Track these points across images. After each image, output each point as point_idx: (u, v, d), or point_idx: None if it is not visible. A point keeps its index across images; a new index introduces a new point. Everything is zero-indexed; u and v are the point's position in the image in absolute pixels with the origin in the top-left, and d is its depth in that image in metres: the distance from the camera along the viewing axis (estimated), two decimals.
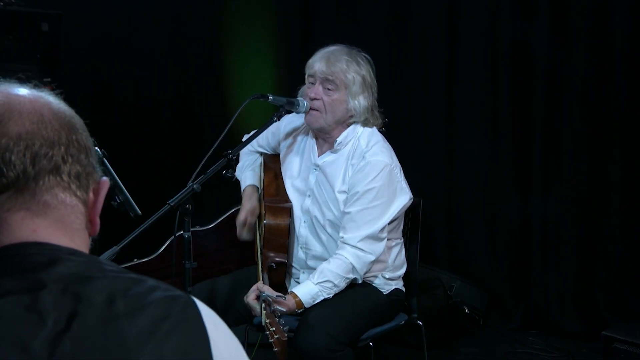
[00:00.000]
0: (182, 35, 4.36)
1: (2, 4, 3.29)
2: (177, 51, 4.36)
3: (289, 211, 2.64)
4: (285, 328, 2.13)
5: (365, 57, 2.61)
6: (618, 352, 3.17)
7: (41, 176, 0.88)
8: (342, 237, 2.51)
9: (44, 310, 0.78)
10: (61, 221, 0.90)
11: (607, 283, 3.88)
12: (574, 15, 3.84)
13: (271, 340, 2.11)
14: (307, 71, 2.59)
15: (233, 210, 3.56)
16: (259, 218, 2.72)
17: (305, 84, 2.63)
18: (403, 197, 2.56)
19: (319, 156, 2.64)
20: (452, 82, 4.16)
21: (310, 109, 2.56)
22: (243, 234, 2.73)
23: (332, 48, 2.59)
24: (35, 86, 0.95)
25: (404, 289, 2.72)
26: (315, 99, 2.53)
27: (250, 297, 2.39)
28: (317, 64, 2.54)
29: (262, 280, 2.45)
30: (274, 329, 2.12)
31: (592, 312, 3.86)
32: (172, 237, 2.33)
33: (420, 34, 4.15)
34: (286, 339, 2.10)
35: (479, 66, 4.10)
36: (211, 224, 3.68)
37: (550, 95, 3.92)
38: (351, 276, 2.50)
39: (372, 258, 2.51)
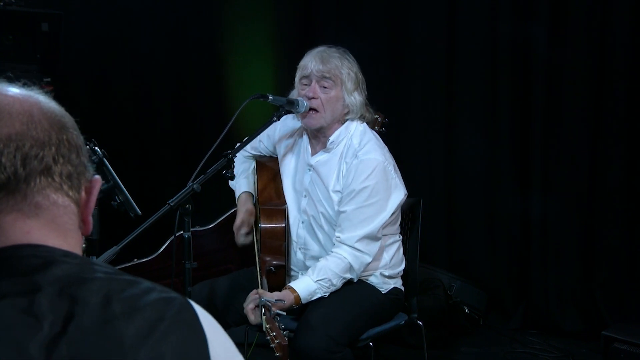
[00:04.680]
0: (182, 35, 4.36)
1: (2, 4, 3.29)
2: (177, 51, 4.36)
3: (284, 213, 2.64)
4: (285, 332, 2.13)
5: (351, 56, 2.61)
6: (618, 352, 3.17)
7: (32, 177, 0.87)
8: (339, 237, 2.51)
9: (40, 313, 0.78)
10: (54, 222, 0.89)
11: (607, 283, 3.88)
12: (574, 15, 3.85)
13: (272, 345, 2.11)
14: (301, 73, 2.58)
15: (233, 210, 3.55)
16: (255, 223, 2.72)
17: (294, 87, 2.62)
18: (398, 194, 2.55)
19: (312, 156, 2.65)
20: (452, 82, 4.16)
21: (310, 108, 2.56)
22: (240, 238, 2.73)
23: (321, 48, 2.59)
24: (24, 85, 0.94)
25: (402, 288, 2.72)
26: (313, 98, 2.53)
27: (250, 307, 2.37)
28: (312, 63, 2.53)
29: (261, 285, 2.45)
30: (274, 333, 2.12)
31: (592, 312, 3.86)
32: (172, 237, 2.32)
33: (420, 34, 4.15)
34: (287, 343, 2.10)
35: (479, 66, 4.10)
36: (211, 224, 3.68)
37: (550, 95, 3.92)
38: (348, 276, 2.52)
39: (369, 259, 2.52)
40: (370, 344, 2.59)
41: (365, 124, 2.63)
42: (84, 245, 0.96)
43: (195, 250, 2.28)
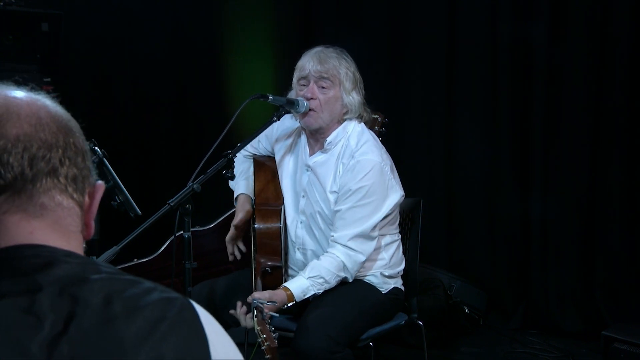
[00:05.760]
0: (182, 35, 4.36)
1: (2, 4, 3.29)
2: (177, 51, 4.36)
3: (279, 213, 2.63)
4: (275, 335, 2.13)
5: (349, 55, 2.61)
6: (618, 352, 3.17)
7: (38, 178, 0.87)
8: (332, 236, 2.51)
9: (41, 312, 0.78)
10: (58, 223, 0.90)
11: (607, 283, 3.88)
12: (574, 15, 3.85)
13: (263, 348, 2.12)
14: (299, 74, 2.58)
15: (233, 210, 3.55)
16: (251, 224, 2.72)
17: (292, 89, 2.62)
18: (394, 195, 2.55)
19: (310, 156, 2.64)
20: (452, 82, 4.16)
21: (309, 108, 2.56)
22: (229, 247, 2.73)
23: (318, 48, 2.59)
24: (32, 89, 0.95)
25: (403, 287, 2.72)
26: (311, 98, 2.53)
27: (242, 310, 2.37)
28: (309, 64, 2.53)
29: (255, 287, 2.45)
30: (265, 336, 2.12)
31: (592, 312, 3.86)
32: (172, 237, 2.32)
33: (420, 34, 4.15)
34: (276, 346, 2.11)
35: (479, 66, 4.10)
36: (211, 224, 3.67)
37: (550, 95, 3.92)
38: (342, 274, 2.51)
39: (363, 258, 2.52)
40: (371, 344, 2.59)
41: (363, 124, 2.62)
42: (85, 249, 0.96)
43: (195, 250, 2.28)
